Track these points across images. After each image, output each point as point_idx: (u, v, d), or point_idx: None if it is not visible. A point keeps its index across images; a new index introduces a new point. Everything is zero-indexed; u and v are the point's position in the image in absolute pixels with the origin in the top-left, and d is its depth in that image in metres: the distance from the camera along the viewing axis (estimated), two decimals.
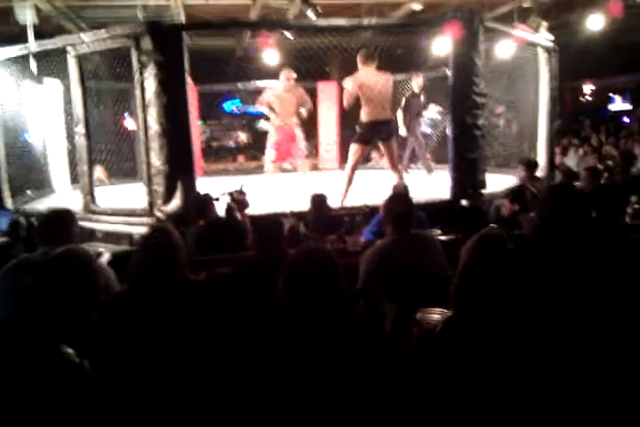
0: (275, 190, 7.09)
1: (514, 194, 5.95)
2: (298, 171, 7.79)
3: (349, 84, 5.99)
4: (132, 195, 6.59)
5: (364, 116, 6.00)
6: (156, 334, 2.11)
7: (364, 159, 8.61)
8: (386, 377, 1.61)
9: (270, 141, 7.39)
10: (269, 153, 7.43)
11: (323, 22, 6.27)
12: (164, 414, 1.68)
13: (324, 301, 1.68)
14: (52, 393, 1.35)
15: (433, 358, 1.70)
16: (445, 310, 2.10)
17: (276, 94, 7.23)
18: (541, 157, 7.70)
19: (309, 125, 11.86)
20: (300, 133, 7.51)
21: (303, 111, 7.42)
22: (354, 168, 6.17)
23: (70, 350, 1.44)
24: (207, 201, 4.56)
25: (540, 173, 7.62)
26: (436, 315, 2.44)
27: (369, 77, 5.94)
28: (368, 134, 6.06)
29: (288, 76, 7.13)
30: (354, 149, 6.18)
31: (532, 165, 6.35)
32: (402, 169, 6.66)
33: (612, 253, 2.82)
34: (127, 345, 1.73)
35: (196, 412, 1.81)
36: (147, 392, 1.65)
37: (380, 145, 6.25)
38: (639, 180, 8.07)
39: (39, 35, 7.49)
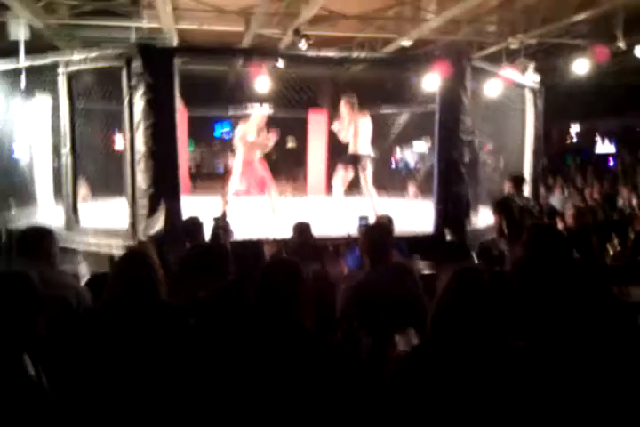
0: (259, 216, 7.10)
1: (498, 205, 6.00)
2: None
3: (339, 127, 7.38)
4: (116, 212, 6.53)
5: (350, 148, 7.17)
6: (122, 351, 2.09)
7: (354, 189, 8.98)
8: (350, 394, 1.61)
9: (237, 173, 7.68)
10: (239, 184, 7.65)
11: (313, 53, 6.38)
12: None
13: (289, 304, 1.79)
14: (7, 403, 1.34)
15: (396, 380, 1.71)
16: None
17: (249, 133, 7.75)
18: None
19: (299, 153, 12.00)
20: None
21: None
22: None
23: (28, 362, 1.43)
24: (197, 225, 4.58)
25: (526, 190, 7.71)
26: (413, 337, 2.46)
27: (356, 122, 7.18)
28: (350, 162, 7.22)
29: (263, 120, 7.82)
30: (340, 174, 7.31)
31: (518, 180, 6.38)
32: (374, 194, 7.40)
33: (589, 291, 2.84)
34: (79, 359, 1.72)
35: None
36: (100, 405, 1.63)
37: (360, 173, 7.24)
38: (621, 221, 8.18)
39: (31, 51, 7.52)
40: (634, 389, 1.89)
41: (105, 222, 6.12)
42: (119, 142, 9.06)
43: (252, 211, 7.55)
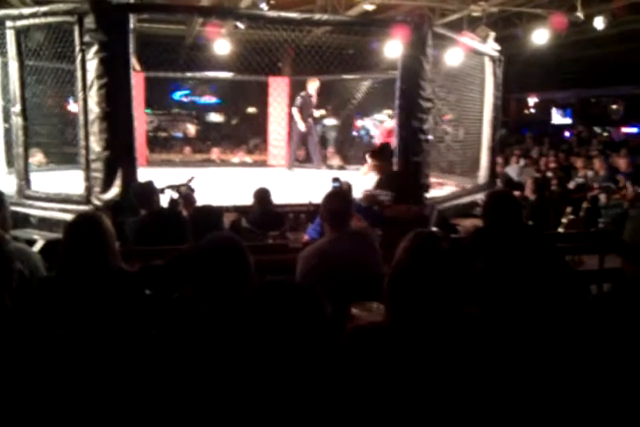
0: (220, 184, 7.02)
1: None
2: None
3: None
4: (72, 181, 6.36)
5: None
6: (78, 320, 2.04)
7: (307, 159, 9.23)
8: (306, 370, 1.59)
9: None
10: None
11: (274, 14, 6.21)
12: (73, 401, 1.62)
13: (231, 288, 1.71)
14: None
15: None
16: (380, 304, 2.12)
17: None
18: (483, 165, 7.88)
19: (260, 120, 11.84)
20: None
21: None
22: None
23: None
24: (151, 191, 4.45)
25: (481, 180, 7.81)
26: (372, 310, 2.47)
27: None
28: None
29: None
30: None
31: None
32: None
33: (542, 259, 2.90)
34: (40, 330, 1.65)
35: (108, 400, 1.75)
36: (57, 378, 1.59)
37: None
38: (575, 192, 8.40)
39: None
40: (584, 355, 1.94)
41: (60, 190, 5.92)
42: (74, 106, 8.76)
43: (214, 178, 7.46)
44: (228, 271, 1.70)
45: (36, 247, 3.58)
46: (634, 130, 16.25)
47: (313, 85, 9.62)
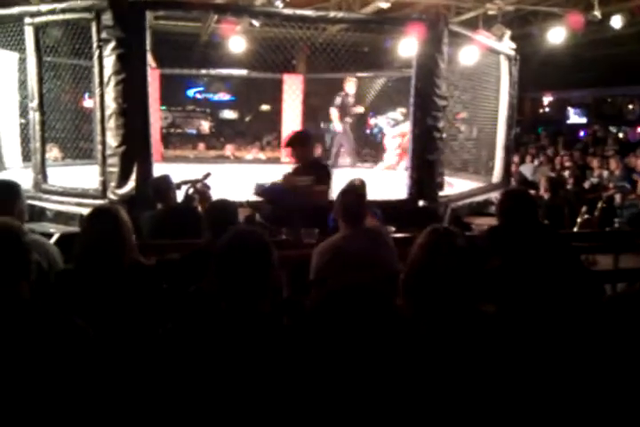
0: (234, 180, 7.04)
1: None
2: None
3: None
4: (88, 176, 6.40)
5: None
6: (95, 312, 2.06)
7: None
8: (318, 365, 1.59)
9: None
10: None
11: (289, 11, 6.23)
12: (91, 393, 1.63)
13: (255, 283, 1.68)
14: None
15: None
16: None
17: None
18: (497, 163, 7.84)
19: (273, 117, 11.87)
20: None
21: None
22: None
23: None
24: (168, 186, 4.47)
25: (495, 178, 7.78)
26: None
27: None
28: None
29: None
30: None
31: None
32: None
33: (558, 258, 2.89)
34: (60, 320, 1.68)
35: (127, 393, 1.77)
36: (78, 368, 1.61)
37: None
38: (591, 192, 8.34)
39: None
40: (599, 354, 1.94)
41: (76, 184, 5.97)
42: (89, 101, 8.82)
43: (228, 174, 7.47)
44: (253, 265, 1.68)
45: (52, 240, 3.61)
46: None
47: (350, 84, 9.72)
